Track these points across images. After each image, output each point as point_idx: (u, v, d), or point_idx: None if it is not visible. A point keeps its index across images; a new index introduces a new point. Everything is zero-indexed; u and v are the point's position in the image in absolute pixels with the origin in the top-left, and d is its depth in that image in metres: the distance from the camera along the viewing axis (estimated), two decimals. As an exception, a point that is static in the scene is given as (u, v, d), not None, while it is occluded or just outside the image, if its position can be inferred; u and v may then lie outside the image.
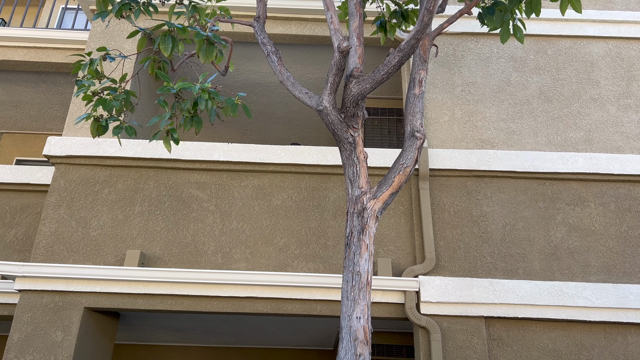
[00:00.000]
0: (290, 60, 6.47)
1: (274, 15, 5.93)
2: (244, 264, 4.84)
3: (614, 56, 5.79)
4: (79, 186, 5.10)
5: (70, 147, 5.16)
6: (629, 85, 5.63)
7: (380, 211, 3.30)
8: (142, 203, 5.06)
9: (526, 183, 5.13)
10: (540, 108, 5.51)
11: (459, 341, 4.46)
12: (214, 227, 4.99)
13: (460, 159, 5.15)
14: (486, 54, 5.79)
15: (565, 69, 5.72)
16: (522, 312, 4.54)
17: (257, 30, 3.90)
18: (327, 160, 5.18)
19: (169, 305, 4.62)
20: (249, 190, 5.15)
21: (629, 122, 5.43)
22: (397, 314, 4.62)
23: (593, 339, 4.53)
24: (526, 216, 5.00)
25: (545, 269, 4.77)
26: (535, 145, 5.31)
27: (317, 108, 3.46)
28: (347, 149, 3.44)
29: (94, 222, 4.96)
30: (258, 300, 4.64)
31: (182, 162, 5.19)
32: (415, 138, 3.42)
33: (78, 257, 4.83)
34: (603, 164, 5.14)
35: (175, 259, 4.85)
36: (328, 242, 4.94)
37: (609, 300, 4.55)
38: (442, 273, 4.75)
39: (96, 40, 5.78)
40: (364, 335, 2.98)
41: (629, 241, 4.89)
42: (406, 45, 3.22)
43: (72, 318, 4.55)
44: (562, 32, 5.85)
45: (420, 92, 3.57)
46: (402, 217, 5.03)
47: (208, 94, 3.37)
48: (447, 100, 5.55)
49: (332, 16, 3.63)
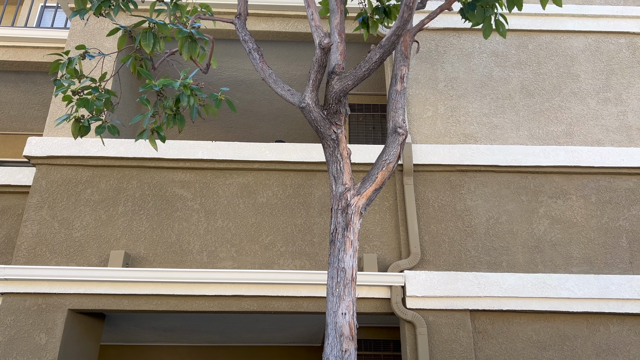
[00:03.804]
0: (274, 57, 6.45)
1: (257, 12, 5.90)
2: (230, 262, 4.83)
3: (594, 50, 5.86)
4: (60, 187, 5.04)
5: (51, 147, 5.10)
6: (608, 79, 5.70)
7: (364, 207, 3.31)
8: (126, 203, 5.02)
9: (509, 177, 5.18)
10: (522, 102, 5.56)
11: (445, 335, 4.50)
12: (199, 225, 4.96)
13: (444, 154, 5.18)
14: (468, 49, 5.82)
15: (546, 63, 5.78)
16: (506, 305, 4.59)
17: (239, 28, 3.88)
18: (312, 157, 5.17)
19: (155, 305, 4.60)
20: (234, 188, 5.13)
21: (609, 115, 5.51)
22: (383, 309, 4.64)
23: (576, 329, 4.60)
24: (509, 210, 5.05)
25: (529, 262, 4.83)
26: (517, 140, 5.37)
27: (300, 105, 3.46)
28: (330, 146, 3.45)
29: (76, 223, 4.91)
30: (244, 298, 4.64)
31: (166, 160, 5.15)
32: (398, 134, 3.44)
33: (61, 259, 4.77)
34: (584, 157, 5.21)
35: (160, 258, 4.82)
36: (314, 238, 4.95)
37: (591, 291, 4.62)
38: (428, 267, 4.79)
39: (76, 39, 5.69)
40: (349, 331, 2.99)
41: (610, 232, 4.97)
42: (387, 42, 3.23)
43: (56, 320, 4.50)
44: (542, 27, 5.91)
45: (402, 88, 3.58)
46: (387, 213, 5.05)
47: (190, 90, 3.34)
48: (430, 95, 5.57)
49: (312, 13, 3.63)
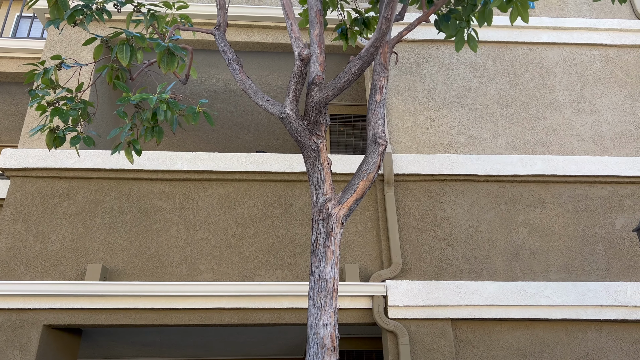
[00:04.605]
0: (255, 68, 6.45)
1: (237, 23, 5.90)
2: (210, 274, 4.77)
3: (568, 62, 6.00)
4: (36, 199, 4.94)
5: (27, 159, 5.00)
6: (582, 90, 5.84)
7: (345, 217, 3.31)
8: (104, 215, 4.94)
9: (488, 186, 5.25)
10: (500, 113, 5.66)
11: (427, 344, 4.50)
12: (179, 237, 4.90)
13: (424, 164, 5.22)
14: (447, 61, 5.91)
15: (522, 74, 5.89)
16: (487, 313, 4.62)
17: (218, 38, 3.87)
18: (294, 168, 5.17)
19: (133, 320, 4.51)
20: (214, 200, 5.09)
21: (584, 125, 5.63)
22: (365, 319, 4.63)
23: (555, 336, 4.65)
24: (488, 218, 5.10)
25: (508, 270, 4.88)
26: (495, 149, 5.44)
27: (280, 116, 3.46)
28: (311, 156, 3.44)
29: (52, 237, 4.81)
30: (225, 311, 4.58)
31: (145, 172, 5.09)
32: (378, 144, 3.45)
33: (36, 273, 4.66)
34: (560, 165, 5.30)
35: (139, 271, 4.74)
36: (295, 249, 4.92)
37: (569, 298, 4.69)
38: (409, 277, 4.80)
39: (52, 49, 5.62)
40: (331, 343, 2.97)
41: (586, 240, 5.06)
42: (366, 53, 3.25)
43: (30, 336, 4.38)
44: (518, 39, 6.03)
45: (381, 98, 3.61)
46: (368, 223, 5.06)
47: (167, 104, 3.31)
48: (410, 106, 5.63)
49: (292, 24, 3.64)
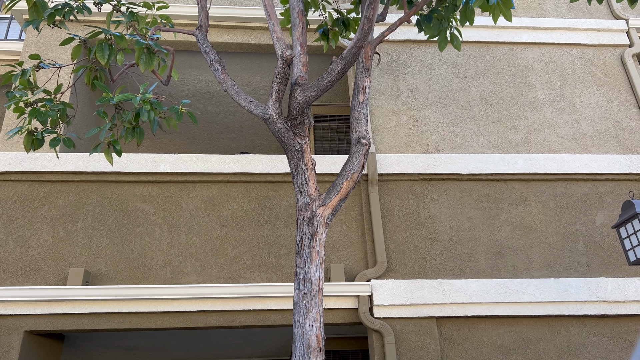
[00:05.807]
0: (237, 69, 6.42)
1: (220, 24, 5.87)
2: (195, 277, 4.74)
3: (548, 61, 6.09)
4: (15, 203, 4.85)
5: (5, 162, 4.91)
6: (562, 89, 5.93)
7: (329, 217, 3.32)
8: (85, 219, 4.87)
9: (470, 185, 5.30)
10: (482, 112, 5.71)
11: (412, 342, 4.52)
12: (162, 240, 4.86)
13: (407, 164, 5.25)
14: (429, 61, 5.95)
15: (503, 74, 5.96)
16: (471, 311, 4.67)
17: (200, 39, 3.85)
18: (278, 169, 5.16)
19: (117, 324, 4.46)
20: (198, 202, 5.05)
21: (564, 123, 5.72)
22: (351, 319, 4.64)
23: (538, 332, 4.71)
24: (472, 217, 5.15)
25: (492, 267, 4.93)
26: (477, 148, 5.50)
27: (263, 117, 3.45)
28: (294, 157, 3.44)
29: (33, 241, 4.72)
30: (210, 313, 4.55)
31: (127, 174, 5.03)
32: (361, 144, 3.46)
33: (16, 279, 4.58)
34: (541, 164, 5.38)
35: (122, 275, 4.69)
36: (281, 250, 4.91)
37: (551, 294, 4.75)
38: (394, 276, 4.82)
39: (31, 50, 5.52)
40: (316, 343, 2.97)
41: (568, 237, 5.13)
42: (348, 54, 3.26)
43: (11, 343, 4.30)
44: (499, 39, 6.10)
45: (364, 99, 3.62)
46: (353, 223, 5.07)
47: (150, 104, 3.28)
48: (393, 106, 5.65)
49: (274, 25, 3.63)
